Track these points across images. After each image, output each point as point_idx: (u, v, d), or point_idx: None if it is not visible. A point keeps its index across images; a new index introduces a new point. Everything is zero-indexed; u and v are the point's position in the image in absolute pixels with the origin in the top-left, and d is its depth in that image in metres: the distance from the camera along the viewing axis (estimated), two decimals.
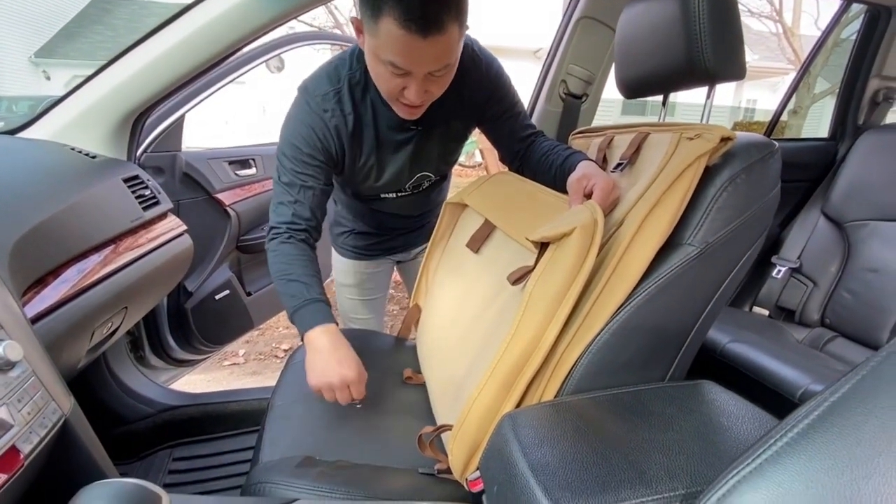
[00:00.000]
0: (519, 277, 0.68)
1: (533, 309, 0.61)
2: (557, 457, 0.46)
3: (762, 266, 1.51)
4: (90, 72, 0.97)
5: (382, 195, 1.00)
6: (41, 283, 0.62)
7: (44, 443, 0.43)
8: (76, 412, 0.49)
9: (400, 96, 0.74)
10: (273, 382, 0.97)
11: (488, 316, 0.75)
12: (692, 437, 0.49)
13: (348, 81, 0.82)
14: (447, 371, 0.80)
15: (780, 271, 1.43)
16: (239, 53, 1.22)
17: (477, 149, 6.68)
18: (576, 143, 0.99)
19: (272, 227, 0.84)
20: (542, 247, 0.66)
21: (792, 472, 0.33)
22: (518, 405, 0.61)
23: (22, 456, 0.40)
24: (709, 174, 0.64)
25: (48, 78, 10.64)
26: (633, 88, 0.87)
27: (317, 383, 0.75)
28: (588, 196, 0.71)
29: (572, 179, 0.75)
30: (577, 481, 0.43)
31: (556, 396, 0.62)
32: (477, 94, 0.87)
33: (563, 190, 0.78)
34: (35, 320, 0.57)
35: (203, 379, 2.24)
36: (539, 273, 0.63)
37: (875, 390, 0.33)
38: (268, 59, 1.41)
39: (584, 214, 0.63)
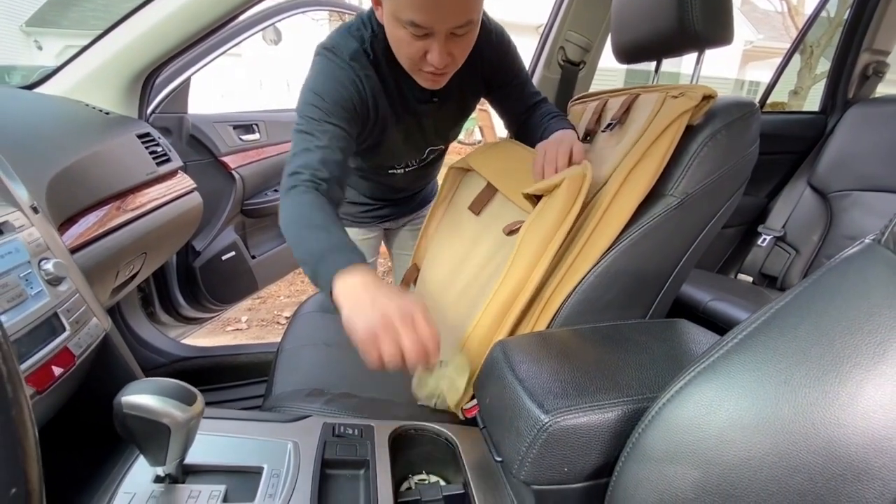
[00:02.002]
0: (514, 229, 0.74)
1: (523, 251, 0.67)
2: (542, 371, 0.52)
3: (748, 235, 1.57)
4: (82, 41, 0.98)
5: (391, 171, 1.02)
6: (71, 222, 0.67)
7: (91, 348, 0.48)
8: (115, 331, 0.55)
9: (422, 63, 0.71)
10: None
11: (487, 270, 0.81)
12: (663, 358, 0.55)
13: (371, 45, 0.77)
14: (445, 320, 0.85)
15: (765, 240, 1.49)
16: (238, 20, 1.24)
17: (476, 126, 6.65)
18: (574, 108, 1.02)
19: (291, 174, 0.70)
20: (537, 201, 0.72)
21: (738, 365, 0.39)
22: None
23: (74, 356, 0.46)
24: (692, 130, 0.69)
25: (40, 48, 10.41)
26: (628, 53, 0.91)
27: (368, 326, 0.54)
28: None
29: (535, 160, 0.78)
30: (559, 388, 0.49)
31: None
32: (487, 64, 0.88)
33: None
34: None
35: (207, 343, 2.31)
36: (531, 220, 0.69)
37: (812, 297, 0.39)
38: (267, 26, 1.42)
39: (575, 169, 0.68)
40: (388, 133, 0.87)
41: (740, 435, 0.37)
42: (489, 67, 0.89)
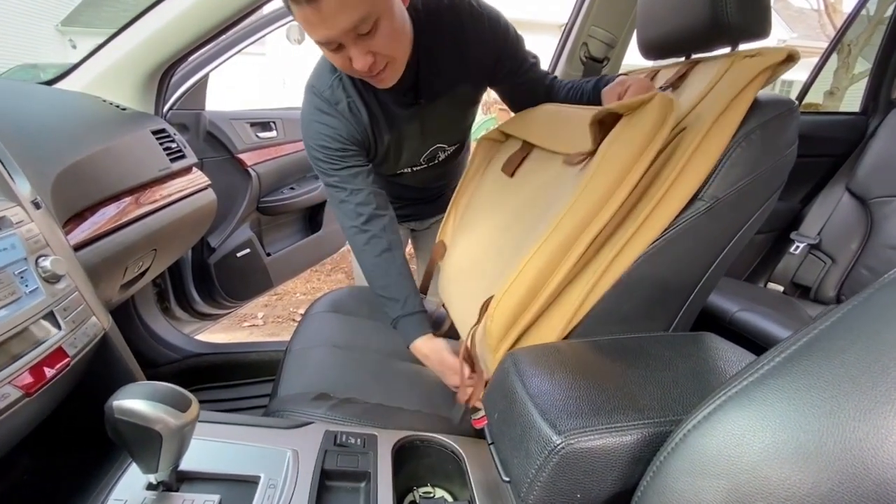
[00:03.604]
0: (579, 160, 0.65)
1: (602, 171, 0.57)
2: (555, 386, 0.49)
3: (780, 242, 1.50)
4: None
5: (399, 172, 1.01)
6: (79, 217, 0.66)
7: (87, 349, 0.47)
8: (114, 330, 0.54)
9: (355, 70, 0.71)
10: None
11: (530, 216, 0.71)
12: (688, 376, 0.51)
13: None
14: (477, 287, 0.75)
15: (798, 247, 1.41)
16: (259, 15, 1.23)
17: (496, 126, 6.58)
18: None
19: (348, 229, 0.87)
20: (601, 136, 0.62)
21: (776, 391, 0.35)
22: (568, 280, 0.61)
23: (69, 357, 0.45)
24: None
25: (74, 46, 10.79)
26: (654, 49, 0.86)
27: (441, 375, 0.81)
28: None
29: (607, 89, 0.74)
30: (573, 406, 0.46)
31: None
32: (482, 52, 0.83)
33: None
34: (74, 250, 0.62)
35: (223, 338, 2.34)
36: (615, 134, 0.60)
37: (863, 317, 0.34)
38: (284, 24, 1.41)
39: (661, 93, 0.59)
40: (379, 143, 0.88)
41: (777, 471, 0.33)
42: (485, 55, 0.84)
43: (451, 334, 0.89)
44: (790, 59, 0.61)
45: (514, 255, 0.65)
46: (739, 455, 0.35)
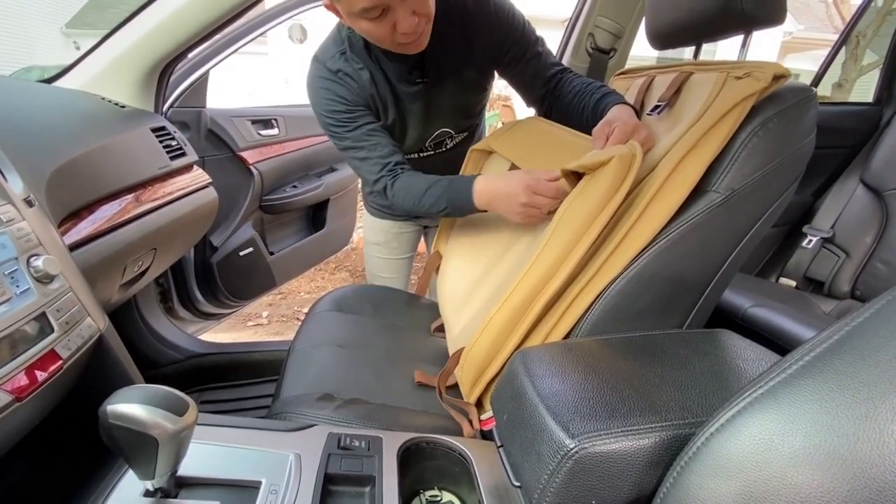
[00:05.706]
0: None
1: (560, 232, 0.62)
2: (567, 387, 0.47)
3: (792, 236, 1.46)
4: None
5: (406, 156, 0.99)
6: (76, 216, 0.65)
7: (81, 351, 0.46)
8: (111, 331, 0.52)
9: (396, 37, 0.71)
10: None
11: (512, 254, 0.76)
12: (706, 375, 0.49)
13: (349, 40, 0.82)
14: (468, 308, 0.80)
15: (810, 241, 1.38)
16: (260, 11, 1.21)
17: (500, 122, 6.56)
18: (617, 84, 0.94)
19: (375, 181, 0.84)
20: (577, 179, 0.66)
21: (806, 392, 0.33)
22: (529, 333, 0.63)
23: (62, 360, 0.43)
24: None
25: (78, 48, 10.82)
26: (664, 37, 0.84)
27: (515, 199, 0.72)
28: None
29: (597, 128, 0.73)
30: (587, 408, 0.44)
31: (566, 339, 0.63)
32: (488, 37, 0.83)
33: None
34: (71, 249, 0.60)
35: (228, 337, 2.33)
36: (571, 198, 0.64)
37: None
38: (288, 18, 1.39)
39: (623, 148, 0.62)
40: (383, 118, 0.88)
41: (809, 477, 0.31)
42: (491, 40, 0.83)
43: None
44: (778, 79, 0.60)
45: (489, 303, 0.70)
46: (767, 460, 0.33)
